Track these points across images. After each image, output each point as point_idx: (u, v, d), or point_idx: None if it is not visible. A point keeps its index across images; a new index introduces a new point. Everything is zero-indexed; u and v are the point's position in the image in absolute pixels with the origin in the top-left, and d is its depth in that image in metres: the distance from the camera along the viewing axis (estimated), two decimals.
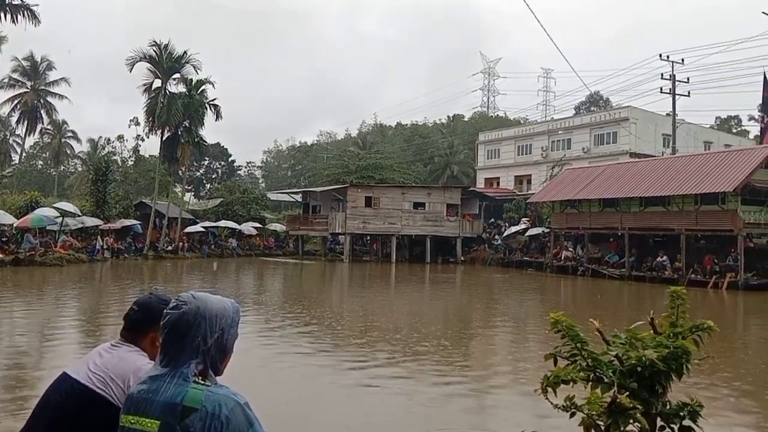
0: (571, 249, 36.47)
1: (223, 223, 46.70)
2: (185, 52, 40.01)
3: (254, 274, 33.00)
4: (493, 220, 46.42)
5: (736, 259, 27.27)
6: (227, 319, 1.98)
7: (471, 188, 49.24)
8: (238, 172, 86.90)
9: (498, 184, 56.29)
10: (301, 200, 50.83)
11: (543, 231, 38.57)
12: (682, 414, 2.73)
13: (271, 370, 10.34)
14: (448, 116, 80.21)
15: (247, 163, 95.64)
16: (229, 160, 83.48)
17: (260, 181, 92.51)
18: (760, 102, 36.54)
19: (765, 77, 35.11)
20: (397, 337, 13.79)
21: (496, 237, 42.88)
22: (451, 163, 64.35)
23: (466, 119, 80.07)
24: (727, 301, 24.39)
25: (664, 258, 30.37)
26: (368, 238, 47.34)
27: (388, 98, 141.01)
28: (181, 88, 41.32)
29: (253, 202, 51.42)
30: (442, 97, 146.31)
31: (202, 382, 1.88)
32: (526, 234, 40.18)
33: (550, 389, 2.78)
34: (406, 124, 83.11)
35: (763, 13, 35.84)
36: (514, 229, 41.40)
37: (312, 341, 13.22)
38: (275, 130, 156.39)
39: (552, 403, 2.75)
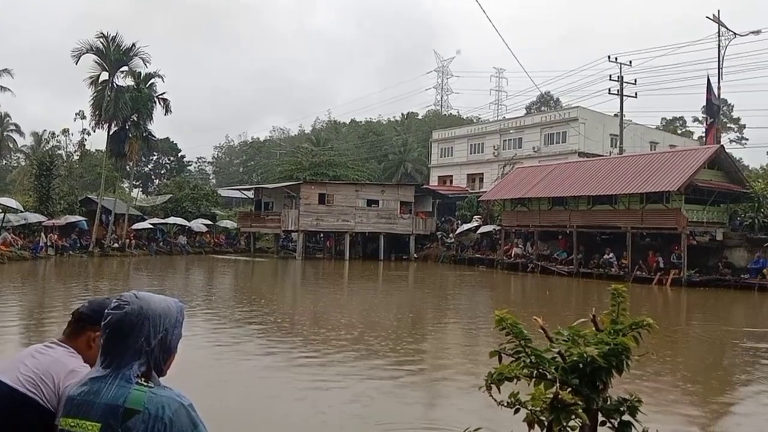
0: (521, 246, 37.10)
1: (172, 219, 45.83)
2: (134, 45, 39.04)
3: (204, 272, 32.48)
4: (445, 217, 46.84)
5: (680, 257, 28.22)
6: (171, 318, 1.94)
7: (424, 186, 49.54)
8: (188, 167, 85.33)
9: (451, 182, 56.79)
10: (253, 197, 50.24)
11: (494, 228, 39.13)
12: (621, 409, 2.80)
13: (220, 370, 10.19)
14: (402, 114, 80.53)
15: (198, 158, 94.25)
16: (179, 155, 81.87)
17: (211, 178, 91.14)
18: (704, 104, 37.81)
19: (708, 80, 36.37)
20: (349, 335, 13.77)
21: (449, 235, 43.30)
22: (405, 160, 64.63)
23: (420, 117, 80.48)
24: (670, 297, 25.22)
25: (611, 255, 31.21)
26: (321, 235, 47.14)
27: (342, 95, 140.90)
28: (129, 82, 40.37)
29: (204, 199, 50.63)
30: (397, 95, 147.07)
31: (145, 384, 1.83)
32: (478, 231, 40.68)
33: (494, 386, 2.83)
34: (361, 121, 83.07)
35: (707, 17, 37.16)
36: (466, 226, 41.85)
37: (263, 340, 13.10)
38: (227, 125, 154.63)
39: (495, 400, 2.79)
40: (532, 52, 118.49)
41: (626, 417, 2.78)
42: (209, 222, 48.11)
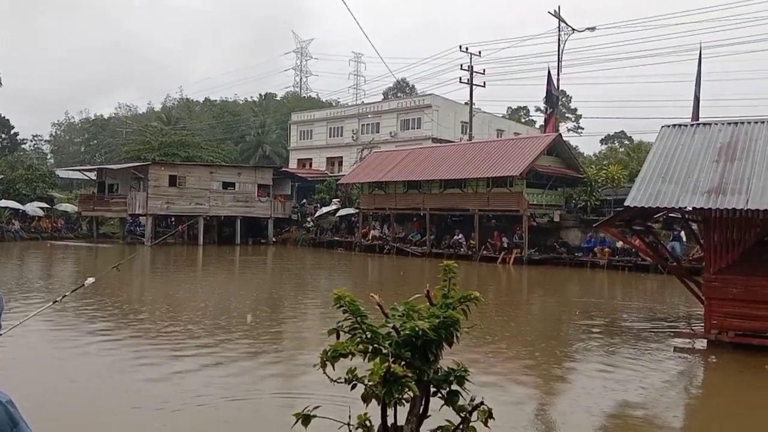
0: (378, 229, 37.93)
1: (3, 203, 41.90)
2: None
3: (39, 260, 29.87)
4: (305, 200, 46.68)
5: (521, 237, 30.34)
6: None
7: (283, 169, 48.93)
8: (23, 146, 77.88)
9: (311, 165, 56.60)
10: (95, 178, 46.82)
11: (352, 212, 39.64)
12: (450, 379, 2.94)
13: (57, 365, 9.46)
14: (260, 94, 78.70)
15: (33, 136, 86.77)
16: (12, 132, 74.57)
17: (48, 157, 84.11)
18: (545, 95, 40.57)
19: (549, 72, 39.03)
20: (203, 324, 13.34)
21: (308, 218, 43.23)
22: (264, 142, 63.34)
23: (278, 98, 79.15)
24: (513, 275, 27.02)
25: (460, 236, 32.85)
26: (173, 219, 45.09)
27: (196, 72, 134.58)
28: None
29: (40, 180, 46.58)
30: (254, 75, 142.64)
31: None
32: (337, 215, 41.00)
33: (329, 363, 2.84)
34: (216, 100, 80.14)
35: (549, 12, 39.82)
36: (325, 210, 42.01)
37: (108, 332, 12.30)
38: (67, 100, 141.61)
39: (330, 378, 2.81)
40: (390, 38, 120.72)
41: (455, 386, 2.91)
42: (46, 205, 44.63)
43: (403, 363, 2.87)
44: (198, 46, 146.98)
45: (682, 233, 25.02)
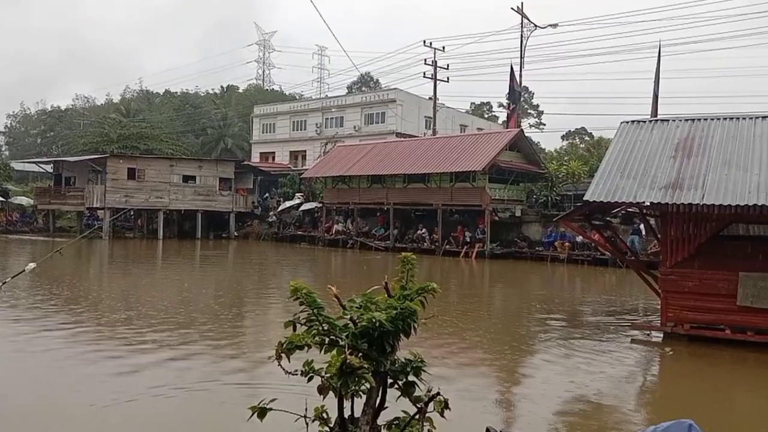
0: (342, 223, 37.80)
1: None
2: None
3: None
4: (267, 194, 46.24)
5: (484, 231, 30.59)
6: None
7: (245, 162, 48.36)
8: None
9: (273, 158, 56.07)
10: (52, 171, 45.61)
11: (316, 206, 39.42)
12: (407, 370, 2.91)
13: (16, 363, 9.15)
14: (222, 87, 77.51)
15: None
16: None
17: (3, 149, 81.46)
18: (508, 91, 40.92)
19: (512, 68, 39.40)
20: (160, 317, 13.07)
21: (271, 212, 42.84)
22: (225, 135, 62.44)
23: (240, 91, 78.10)
24: (475, 269, 27.22)
25: (424, 231, 32.98)
26: (132, 213, 44.21)
27: (156, 63, 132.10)
28: None
29: None
30: (215, 67, 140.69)
31: None
32: (300, 209, 40.73)
33: (284, 355, 2.78)
34: (176, 92, 78.66)
35: (512, 8, 40.16)
36: (288, 204, 41.69)
37: (66, 329, 11.94)
38: (22, 91, 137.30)
39: (285, 370, 2.75)
40: (354, 32, 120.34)
41: (411, 377, 2.89)
42: (1, 198, 43.25)
43: (360, 354, 2.84)
44: (158, 37, 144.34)
45: (642, 227, 25.55)
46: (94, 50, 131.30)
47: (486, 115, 70.29)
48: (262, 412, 2.98)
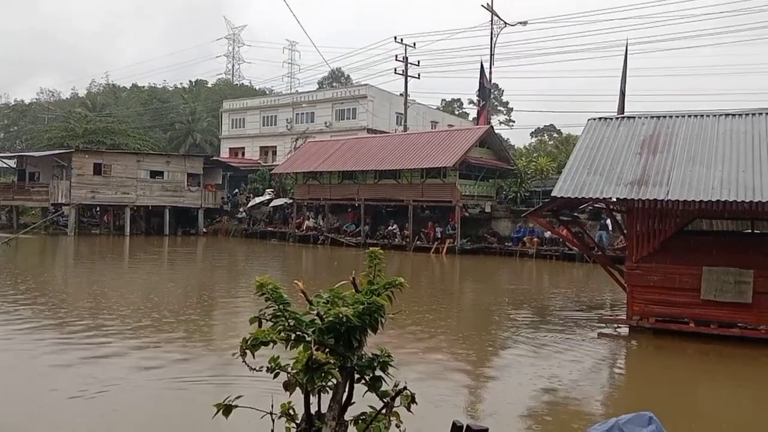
0: (313, 219, 37.64)
1: None
2: None
3: None
4: (237, 190, 45.81)
5: (454, 227, 30.77)
6: None
7: (214, 157, 47.80)
8: None
9: (243, 154, 55.54)
10: (15, 166, 44.54)
11: (286, 202, 39.18)
12: (374, 365, 2.89)
13: None
14: (191, 81, 76.49)
15: None
16: None
17: None
18: (478, 87, 41.11)
19: (482, 65, 39.60)
20: (127, 314, 12.85)
21: (241, 208, 42.46)
22: (194, 130, 61.60)
23: (209, 86, 77.12)
24: (446, 264, 27.37)
25: (395, 226, 33.03)
26: (98, 209, 43.40)
27: (123, 57, 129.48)
28: None
29: None
30: (184, 61, 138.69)
31: None
32: (271, 205, 40.44)
33: (249, 352, 2.74)
34: (144, 87, 77.30)
35: (482, 6, 40.34)
36: (258, 200, 41.35)
37: (30, 328, 11.66)
38: None
39: (249, 366, 2.71)
40: (325, 27, 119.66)
41: (378, 372, 2.87)
42: None
43: (326, 350, 2.81)
44: (125, 30, 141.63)
45: (609, 223, 25.95)
46: (59, 44, 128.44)
47: (457, 112, 70.58)
48: (227, 409, 2.94)
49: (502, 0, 43.57)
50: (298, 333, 2.85)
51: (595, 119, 14.09)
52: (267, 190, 42.06)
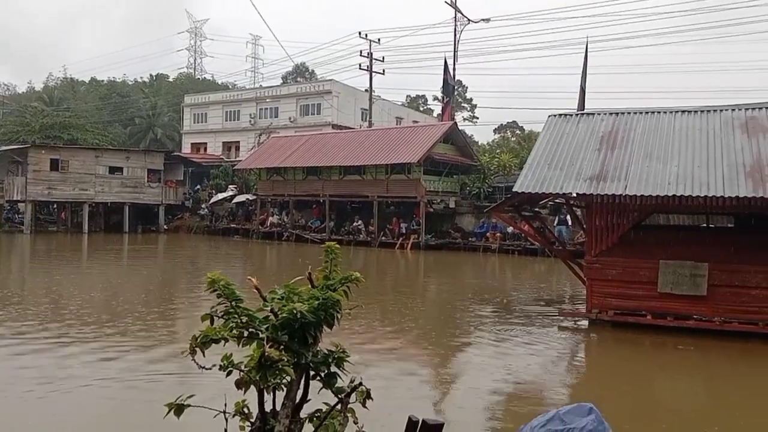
0: (277, 215, 37.35)
1: None
2: None
3: None
4: (199, 186, 45.16)
5: (419, 223, 30.88)
6: None
7: (175, 153, 47.06)
8: None
9: (205, 149, 54.78)
10: None
11: (249, 198, 38.78)
12: (329, 361, 2.86)
13: None
14: (151, 75, 75.09)
15: None
16: None
17: None
18: (442, 84, 41.28)
19: (446, 62, 39.76)
20: (86, 313, 12.55)
21: (202, 205, 41.88)
22: (155, 125, 60.48)
23: (171, 80, 75.83)
24: (410, 259, 27.44)
25: (360, 222, 33.00)
26: (55, 206, 42.32)
27: (81, 50, 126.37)
28: None
29: None
30: (144, 54, 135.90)
31: None
32: (233, 201, 39.99)
33: (198, 350, 2.68)
34: (103, 81, 75.61)
35: (446, 2, 40.47)
36: (221, 196, 40.85)
37: None
38: None
39: (198, 365, 2.65)
40: (289, 22, 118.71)
41: (333, 368, 2.84)
42: None
43: (280, 347, 2.76)
44: (83, 22, 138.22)
45: (568, 218, 26.33)
46: (15, 36, 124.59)
47: (421, 108, 70.82)
48: (179, 409, 2.86)
49: None
50: (251, 330, 2.80)
51: (555, 116, 14.26)
52: (230, 186, 41.58)
